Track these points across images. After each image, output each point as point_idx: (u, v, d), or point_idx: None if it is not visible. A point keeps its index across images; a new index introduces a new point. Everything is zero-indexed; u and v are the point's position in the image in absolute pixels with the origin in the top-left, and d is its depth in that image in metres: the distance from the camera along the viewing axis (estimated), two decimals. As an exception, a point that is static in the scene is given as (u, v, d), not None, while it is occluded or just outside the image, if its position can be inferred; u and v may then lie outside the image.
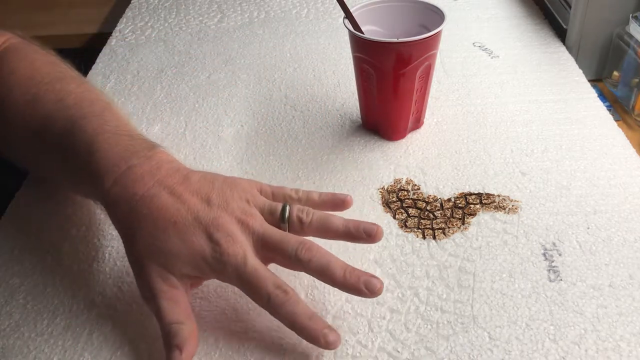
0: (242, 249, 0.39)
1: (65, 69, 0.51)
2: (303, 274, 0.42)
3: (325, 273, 0.39)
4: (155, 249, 0.39)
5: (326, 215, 0.43)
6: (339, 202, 0.45)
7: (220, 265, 0.39)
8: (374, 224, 0.42)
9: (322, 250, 0.40)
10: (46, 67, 0.51)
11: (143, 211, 0.40)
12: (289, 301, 0.39)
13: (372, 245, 0.48)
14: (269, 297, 0.38)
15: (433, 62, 0.56)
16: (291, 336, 0.42)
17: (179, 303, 0.40)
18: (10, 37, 0.54)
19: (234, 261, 0.39)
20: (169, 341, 0.39)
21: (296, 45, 0.77)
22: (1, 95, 0.49)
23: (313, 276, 0.41)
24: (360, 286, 0.39)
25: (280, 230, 0.41)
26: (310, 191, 0.45)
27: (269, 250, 0.40)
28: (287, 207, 0.42)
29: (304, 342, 0.41)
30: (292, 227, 0.42)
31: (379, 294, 0.39)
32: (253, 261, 0.39)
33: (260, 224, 0.41)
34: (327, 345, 0.38)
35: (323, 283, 0.44)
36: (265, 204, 0.42)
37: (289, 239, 0.41)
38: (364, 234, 0.42)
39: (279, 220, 0.42)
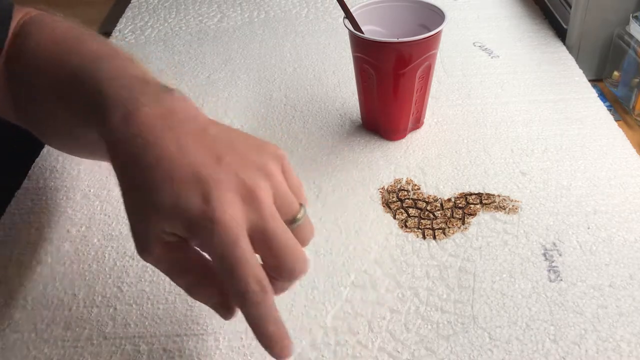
0: (238, 224, 0.33)
1: (86, 31, 0.49)
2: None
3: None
4: (144, 205, 0.34)
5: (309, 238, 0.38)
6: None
7: (205, 232, 0.33)
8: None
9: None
10: (68, 31, 0.49)
11: (140, 159, 0.34)
12: (264, 303, 0.34)
13: (373, 245, 0.48)
14: (245, 292, 0.33)
15: (433, 62, 0.56)
16: (291, 337, 0.42)
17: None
18: (30, 10, 0.53)
19: (224, 236, 0.33)
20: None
21: (296, 45, 0.77)
22: (29, 66, 0.48)
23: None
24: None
25: (289, 231, 0.35)
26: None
27: (261, 243, 0.34)
28: (305, 211, 0.37)
29: (304, 342, 0.41)
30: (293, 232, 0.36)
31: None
32: (245, 244, 0.33)
33: (270, 208, 0.35)
34: (280, 356, 0.35)
35: (324, 283, 0.44)
36: (281, 188, 0.36)
37: (296, 249, 0.35)
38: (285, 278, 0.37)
39: (290, 218, 0.36)
